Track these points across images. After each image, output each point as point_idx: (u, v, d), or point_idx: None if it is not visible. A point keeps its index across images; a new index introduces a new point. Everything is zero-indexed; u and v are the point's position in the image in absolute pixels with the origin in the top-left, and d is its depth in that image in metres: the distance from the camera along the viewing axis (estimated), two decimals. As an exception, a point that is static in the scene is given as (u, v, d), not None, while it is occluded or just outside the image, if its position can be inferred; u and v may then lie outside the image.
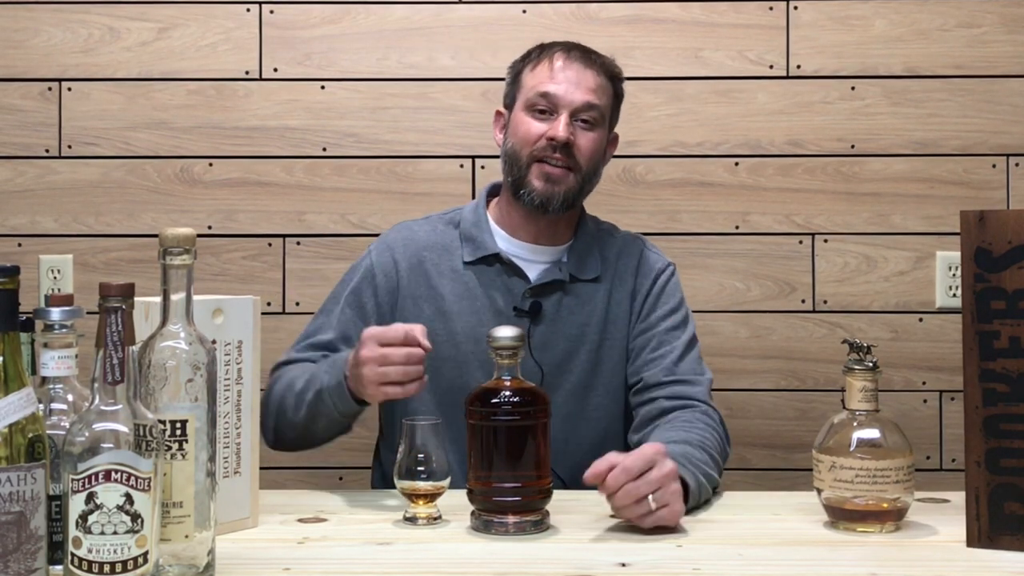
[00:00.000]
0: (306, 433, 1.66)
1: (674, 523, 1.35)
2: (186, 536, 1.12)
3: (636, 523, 1.33)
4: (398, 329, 1.50)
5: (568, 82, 1.71)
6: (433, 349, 1.53)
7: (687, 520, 1.41)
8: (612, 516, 1.42)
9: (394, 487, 1.43)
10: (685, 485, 1.40)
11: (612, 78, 1.78)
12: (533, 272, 1.76)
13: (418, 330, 1.49)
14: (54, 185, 2.34)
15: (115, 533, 1.03)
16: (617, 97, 1.80)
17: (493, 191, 1.85)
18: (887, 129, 2.33)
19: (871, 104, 2.32)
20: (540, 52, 1.78)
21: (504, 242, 1.78)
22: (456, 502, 1.41)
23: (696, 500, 1.44)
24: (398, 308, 1.75)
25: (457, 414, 1.42)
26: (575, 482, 1.62)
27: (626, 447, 1.71)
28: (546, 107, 1.72)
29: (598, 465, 1.32)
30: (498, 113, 1.83)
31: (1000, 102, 2.31)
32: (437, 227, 1.82)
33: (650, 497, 1.31)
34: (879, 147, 2.33)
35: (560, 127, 1.69)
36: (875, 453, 1.33)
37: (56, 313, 1.12)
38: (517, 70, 1.79)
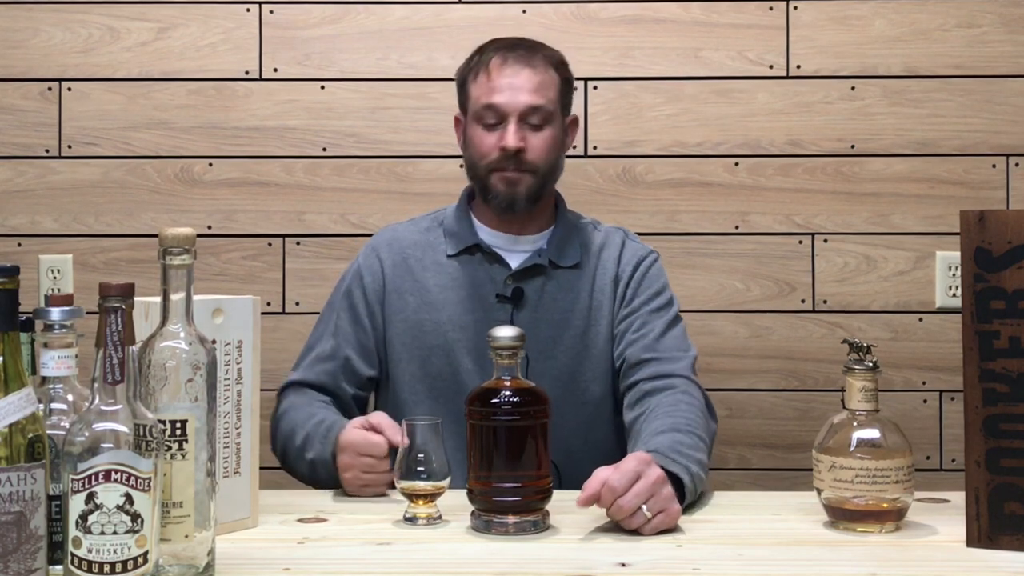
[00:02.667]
0: (308, 481, 1.69)
1: (673, 524, 1.35)
2: (186, 536, 1.12)
3: (639, 531, 1.33)
4: (378, 444, 1.54)
5: (510, 88, 1.73)
6: (422, 338, 1.72)
7: (687, 520, 1.41)
8: (612, 516, 1.42)
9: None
10: (680, 482, 1.40)
11: (555, 67, 1.79)
12: (514, 260, 1.80)
13: (387, 429, 1.54)
14: (54, 185, 2.34)
15: (115, 533, 1.03)
16: (565, 83, 1.81)
17: (472, 191, 1.88)
18: (887, 129, 2.33)
19: (871, 104, 2.32)
20: (479, 58, 1.79)
21: (485, 234, 1.82)
22: (456, 502, 1.41)
23: (693, 493, 1.44)
24: (385, 304, 1.80)
25: (448, 401, 1.48)
26: (567, 467, 1.66)
27: (617, 429, 1.75)
28: (494, 118, 1.74)
29: (589, 487, 1.32)
30: (457, 119, 1.86)
31: (1000, 102, 2.31)
32: (421, 226, 1.87)
33: (644, 507, 1.32)
34: (879, 147, 2.33)
35: (509, 137, 1.72)
36: (875, 453, 1.33)
37: (56, 313, 1.12)
38: (462, 79, 1.82)
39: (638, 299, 1.79)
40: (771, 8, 2.33)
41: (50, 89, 2.34)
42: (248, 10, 2.34)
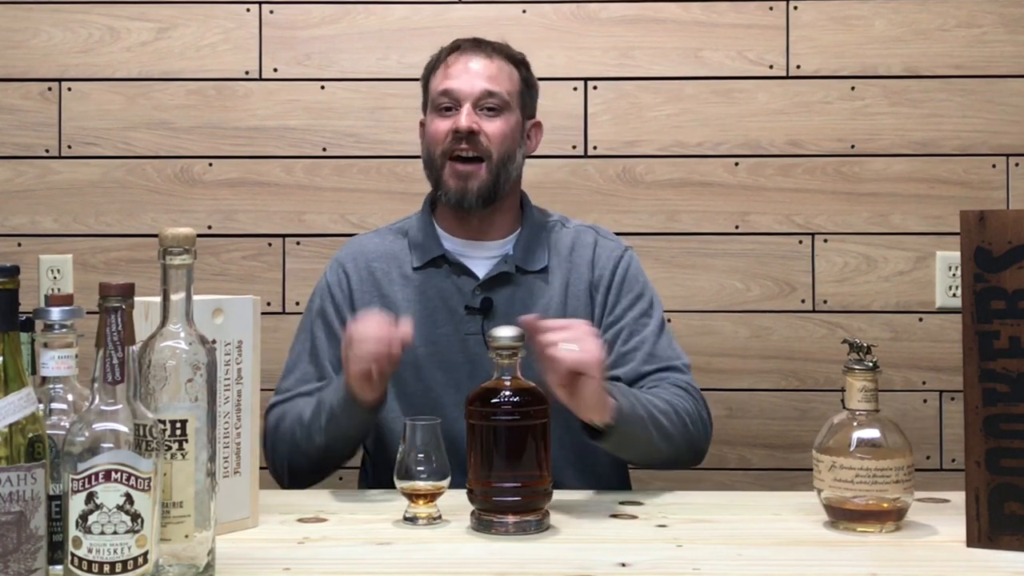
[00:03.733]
0: (325, 459, 1.67)
1: (589, 364, 1.40)
2: (186, 536, 1.12)
3: (555, 365, 1.39)
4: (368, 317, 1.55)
5: (465, 74, 1.74)
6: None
7: (687, 520, 1.41)
8: (613, 516, 1.42)
9: (380, 487, 1.44)
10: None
11: (512, 62, 1.79)
12: (480, 268, 1.77)
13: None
14: (54, 185, 2.34)
15: (115, 533, 1.03)
16: (524, 81, 1.80)
17: (435, 198, 1.85)
18: (887, 129, 2.33)
19: (871, 104, 2.33)
20: (439, 55, 1.81)
21: (450, 243, 1.79)
22: (456, 502, 1.41)
23: (627, 418, 1.49)
24: (355, 319, 1.75)
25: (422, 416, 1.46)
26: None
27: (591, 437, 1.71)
28: (449, 104, 1.74)
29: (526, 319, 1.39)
30: (421, 124, 1.86)
31: (1000, 102, 2.31)
32: (387, 238, 1.84)
33: (561, 344, 1.38)
34: (879, 147, 2.33)
35: (462, 118, 1.71)
36: (875, 453, 1.33)
37: (56, 313, 1.12)
38: (425, 78, 1.83)
39: (620, 305, 1.77)
40: (771, 8, 2.33)
41: (50, 89, 2.34)
42: (248, 10, 2.34)
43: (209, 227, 2.33)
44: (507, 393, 1.35)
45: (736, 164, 2.33)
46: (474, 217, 1.77)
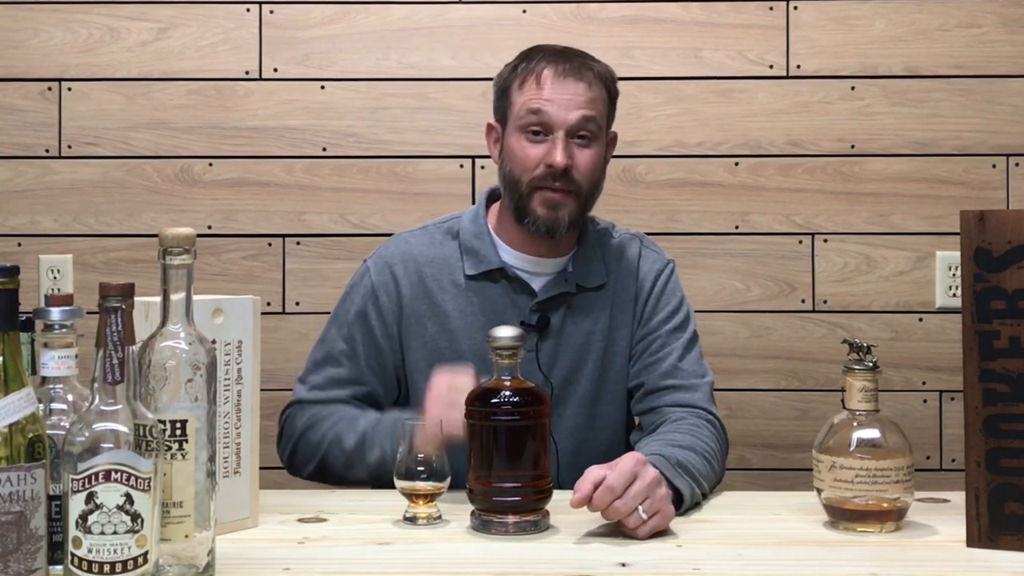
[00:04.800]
0: (352, 479, 1.64)
1: (665, 526, 1.34)
2: (186, 536, 1.12)
3: (631, 534, 1.32)
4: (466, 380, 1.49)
5: (560, 98, 1.63)
6: (441, 367, 1.55)
7: (687, 520, 1.41)
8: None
9: (381, 487, 1.43)
10: (679, 493, 1.40)
11: (605, 82, 1.70)
12: (538, 284, 1.71)
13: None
14: (54, 185, 2.34)
15: (115, 533, 1.03)
16: (611, 99, 1.72)
17: (492, 195, 1.79)
18: (887, 129, 2.33)
19: (871, 104, 2.33)
20: (527, 65, 1.68)
21: (507, 255, 1.72)
22: (456, 502, 1.41)
23: (688, 506, 1.44)
24: (403, 327, 1.71)
25: None
26: None
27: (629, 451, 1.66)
28: (540, 128, 1.64)
29: (581, 487, 1.29)
30: (490, 126, 1.75)
31: (1000, 102, 2.31)
32: (435, 238, 1.75)
33: (640, 509, 1.29)
34: (879, 147, 2.33)
35: (557, 154, 1.62)
36: (875, 453, 1.33)
37: (56, 313, 1.12)
38: (505, 86, 1.71)
39: (656, 318, 1.74)
40: (771, 8, 2.33)
41: (50, 89, 2.34)
42: (248, 10, 2.34)
43: (209, 227, 2.33)
44: (507, 393, 1.35)
45: (736, 164, 2.33)
46: (551, 240, 1.69)
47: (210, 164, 2.34)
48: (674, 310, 1.76)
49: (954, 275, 2.30)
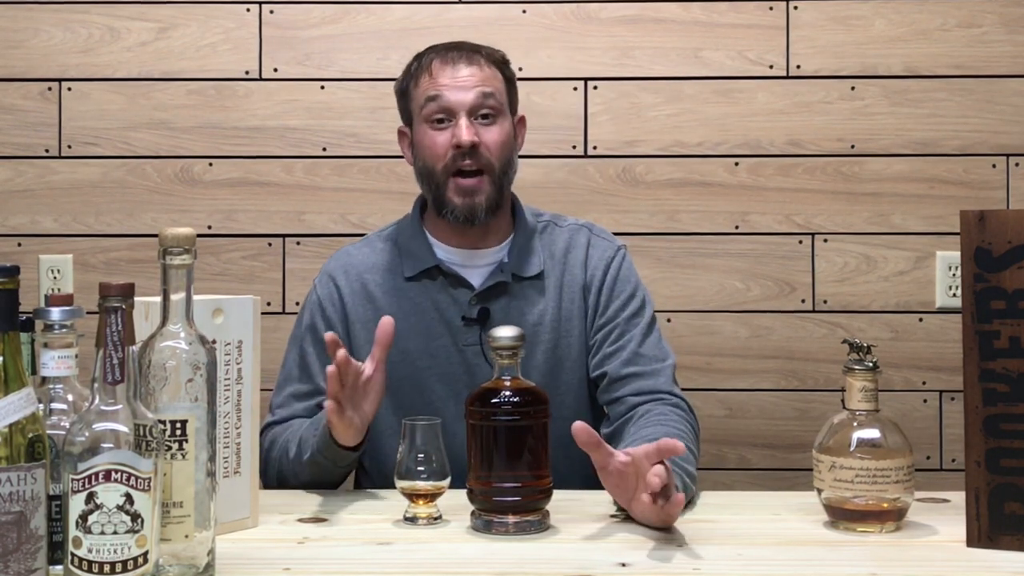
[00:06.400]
0: (314, 486, 1.64)
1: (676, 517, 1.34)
2: (186, 536, 1.12)
3: (650, 517, 1.32)
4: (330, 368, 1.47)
5: (455, 83, 1.69)
6: (390, 370, 1.55)
7: (687, 520, 1.41)
8: (612, 516, 1.42)
9: (376, 488, 1.43)
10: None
11: (497, 64, 1.75)
12: (475, 278, 1.74)
13: (331, 344, 1.47)
14: (54, 185, 2.34)
15: (115, 533, 1.03)
16: (509, 81, 1.77)
17: (424, 202, 1.82)
18: (887, 129, 2.33)
19: (871, 104, 2.33)
20: (418, 63, 1.75)
21: (442, 252, 1.76)
22: (456, 502, 1.41)
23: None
24: (350, 335, 1.74)
25: None
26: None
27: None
28: (442, 114, 1.69)
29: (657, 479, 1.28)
30: (401, 132, 1.81)
31: (1000, 102, 2.31)
32: (376, 247, 1.80)
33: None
34: (879, 147, 2.33)
35: (463, 132, 1.67)
36: (875, 453, 1.33)
37: (56, 313, 1.12)
38: (403, 87, 1.77)
39: (612, 306, 1.75)
40: (771, 8, 2.33)
41: (50, 89, 2.34)
42: (248, 10, 2.34)
43: (209, 227, 2.34)
44: (507, 393, 1.35)
45: (736, 164, 2.33)
46: (473, 229, 1.74)
47: (210, 164, 2.34)
48: (630, 295, 1.77)
49: (954, 275, 2.30)
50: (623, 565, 1.21)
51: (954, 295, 2.30)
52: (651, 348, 1.73)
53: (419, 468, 1.40)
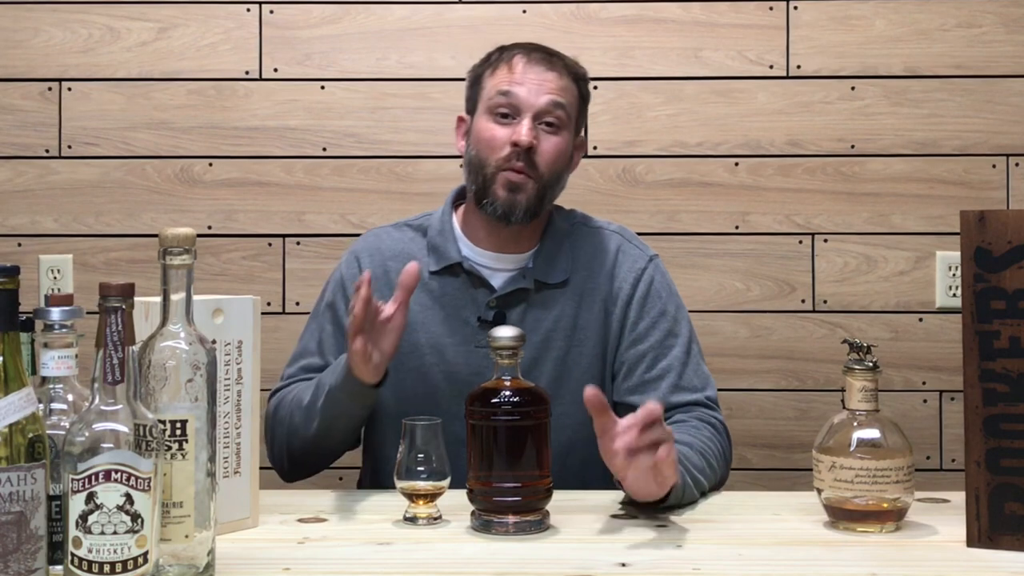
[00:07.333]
0: (322, 445, 1.65)
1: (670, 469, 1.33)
2: (186, 536, 1.12)
3: (642, 485, 1.33)
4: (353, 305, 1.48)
5: (530, 82, 1.67)
6: (397, 359, 1.57)
7: (687, 520, 1.41)
8: (613, 516, 1.42)
9: (378, 487, 1.43)
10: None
11: (576, 79, 1.73)
12: (497, 281, 1.72)
13: (363, 282, 1.48)
14: (54, 185, 2.34)
15: (115, 533, 1.03)
16: (582, 99, 1.75)
17: (460, 195, 1.81)
18: (887, 129, 2.33)
19: (871, 104, 2.33)
20: (500, 54, 1.73)
21: (468, 250, 1.74)
22: (456, 502, 1.41)
23: (678, 499, 1.43)
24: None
25: None
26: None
27: (597, 457, 1.41)
28: (508, 110, 1.67)
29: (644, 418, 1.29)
30: (460, 119, 1.79)
31: (1000, 102, 2.31)
32: (406, 235, 1.79)
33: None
34: (879, 147, 2.33)
35: (523, 131, 1.65)
36: (875, 453, 1.33)
37: (56, 313, 1.12)
38: (477, 74, 1.75)
39: (643, 322, 1.71)
40: (771, 8, 2.33)
41: (50, 89, 2.34)
42: (248, 10, 2.34)
43: (209, 227, 2.34)
44: (507, 393, 1.35)
45: (736, 164, 2.33)
46: (506, 230, 1.71)
47: (210, 164, 2.34)
48: (661, 312, 1.72)
49: (954, 275, 2.30)
50: (623, 565, 1.21)
51: (954, 295, 2.30)
52: (692, 375, 1.69)
53: (419, 468, 1.40)
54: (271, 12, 2.34)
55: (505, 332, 1.37)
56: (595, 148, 2.33)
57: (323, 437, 1.63)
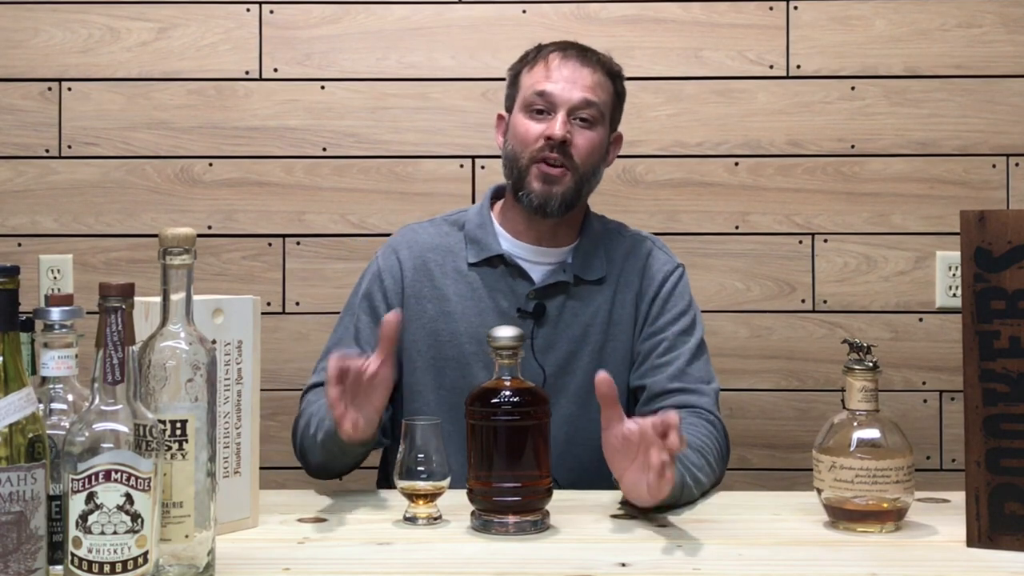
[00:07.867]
0: (332, 468, 1.65)
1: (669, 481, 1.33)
2: (186, 536, 1.12)
3: (639, 491, 1.33)
4: (330, 366, 1.44)
5: (565, 80, 1.71)
6: (437, 348, 1.67)
7: (687, 520, 1.41)
8: (613, 516, 1.42)
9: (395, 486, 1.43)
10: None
11: (611, 75, 1.77)
12: (537, 274, 1.76)
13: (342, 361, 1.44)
14: (54, 185, 2.34)
15: (115, 533, 1.03)
16: (618, 95, 1.79)
17: (497, 193, 1.85)
18: (887, 129, 2.33)
19: (871, 104, 2.33)
20: (537, 52, 1.78)
21: (508, 244, 1.78)
22: (456, 502, 1.41)
23: (676, 498, 1.43)
24: (404, 307, 1.75)
25: (460, 414, 1.40)
26: (575, 485, 1.61)
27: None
28: (544, 106, 1.71)
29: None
30: (499, 117, 1.83)
31: (1000, 102, 2.31)
32: (442, 229, 1.82)
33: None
34: (879, 147, 2.33)
35: (557, 125, 1.69)
36: (875, 453, 1.33)
37: (56, 313, 1.12)
38: (516, 72, 1.80)
39: (663, 318, 1.76)
40: (771, 8, 2.33)
41: (50, 89, 2.34)
42: (248, 10, 2.34)
43: (209, 227, 2.34)
44: (507, 393, 1.35)
45: (736, 164, 2.33)
46: (544, 223, 1.75)
47: (210, 164, 2.34)
48: (682, 312, 1.78)
49: (954, 275, 2.30)
50: (623, 565, 1.21)
51: (954, 295, 2.30)
52: (698, 370, 1.73)
53: (419, 468, 1.40)
54: (271, 12, 2.34)
55: (505, 332, 1.37)
56: (595, 148, 2.33)
57: (331, 464, 1.63)
